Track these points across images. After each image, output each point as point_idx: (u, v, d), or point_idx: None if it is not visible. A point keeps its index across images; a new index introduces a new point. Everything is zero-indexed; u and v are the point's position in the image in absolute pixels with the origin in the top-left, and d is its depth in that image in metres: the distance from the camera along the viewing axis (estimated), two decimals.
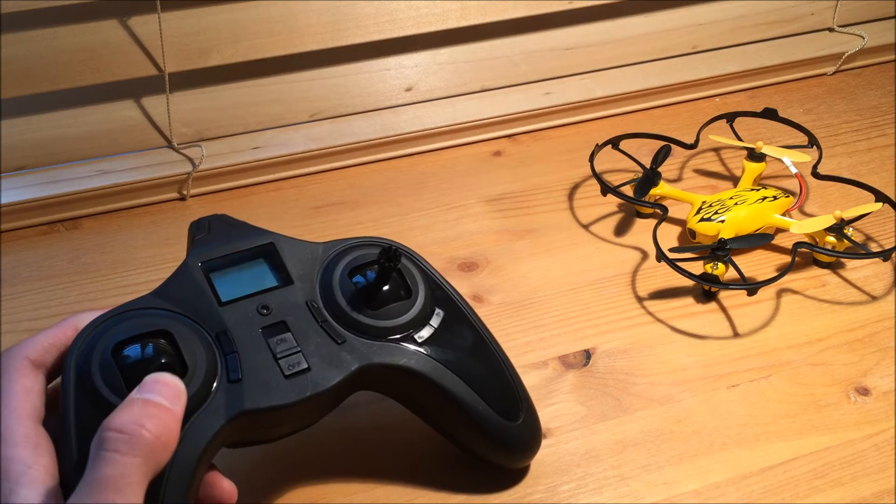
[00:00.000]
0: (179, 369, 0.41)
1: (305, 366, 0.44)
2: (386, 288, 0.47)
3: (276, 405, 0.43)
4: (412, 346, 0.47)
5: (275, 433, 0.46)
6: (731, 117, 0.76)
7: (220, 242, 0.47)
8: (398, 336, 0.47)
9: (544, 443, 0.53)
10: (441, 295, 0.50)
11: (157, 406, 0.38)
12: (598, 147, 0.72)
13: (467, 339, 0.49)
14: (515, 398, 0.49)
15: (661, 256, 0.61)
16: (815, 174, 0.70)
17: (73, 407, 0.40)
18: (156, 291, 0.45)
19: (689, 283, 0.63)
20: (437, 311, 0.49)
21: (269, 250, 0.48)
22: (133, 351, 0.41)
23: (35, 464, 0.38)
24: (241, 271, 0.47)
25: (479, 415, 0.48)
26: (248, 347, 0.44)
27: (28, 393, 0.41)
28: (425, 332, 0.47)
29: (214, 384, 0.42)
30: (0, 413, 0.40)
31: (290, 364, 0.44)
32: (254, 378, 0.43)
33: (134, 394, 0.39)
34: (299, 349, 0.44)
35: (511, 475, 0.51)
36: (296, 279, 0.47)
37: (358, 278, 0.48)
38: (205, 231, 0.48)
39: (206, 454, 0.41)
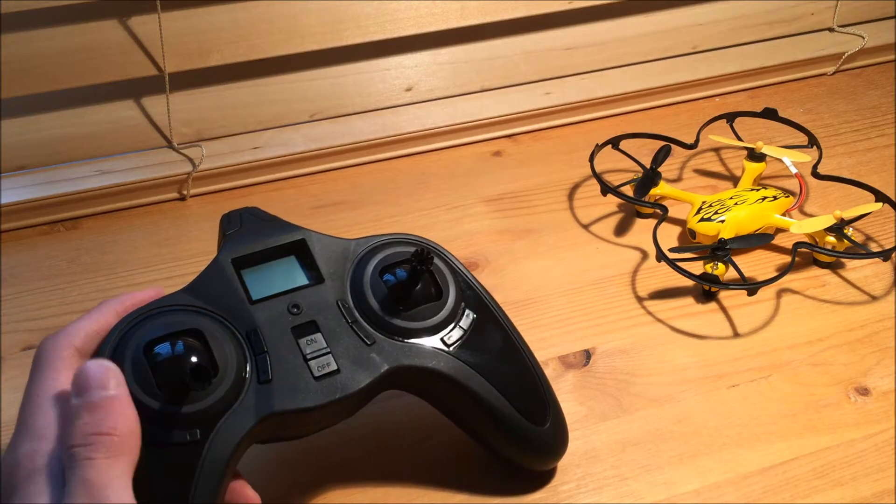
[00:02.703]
0: (210, 369, 0.41)
1: (335, 367, 0.44)
2: (417, 289, 0.47)
3: (306, 407, 0.43)
4: (441, 348, 0.47)
5: (303, 431, 0.46)
6: (731, 117, 0.76)
7: (252, 238, 0.47)
8: (428, 337, 0.47)
9: None
10: (471, 295, 0.49)
11: (105, 401, 0.38)
12: (598, 147, 0.72)
13: (496, 342, 0.49)
14: (543, 402, 0.49)
15: (661, 256, 0.61)
16: (815, 174, 0.70)
17: None
18: (187, 288, 0.45)
19: (689, 283, 0.63)
20: (467, 311, 0.48)
21: (300, 247, 0.47)
22: (164, 350, 0.41)
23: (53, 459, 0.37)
24: (272, 268, 0.47)
25: (506, 418, 0.48)
26: (278, 347, 0.44)
27: (66, 384, 0.40)
28: (455, 334, 0.47)
29: (245, 385, 0.43)
30: (30, 403, 0.39)
31: (319, 365, 0.44)
32: (284, 379, 0.43)
33: (74, 400, 0.38)
34: (329, 350, 0.45)
35: (511, 475, 0.51)
36: (326, 277, 0.47)
37: (389, 277, 0.47)
38: (237, 225, 0.48)
39: (235, 454, 0.42)
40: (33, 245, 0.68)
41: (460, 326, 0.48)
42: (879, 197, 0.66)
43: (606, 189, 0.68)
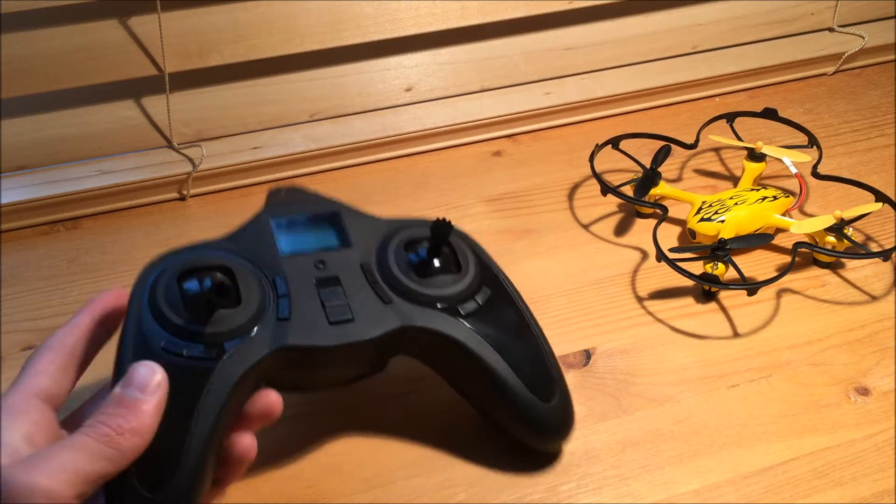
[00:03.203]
0: (234, 300, 0.45)
1: (350, 316, 0.47)
2: (437, 260, 0.50)
3: (317, 345, 0.45)
4: (455, 317, 0.49)
5: (315, 380, 0.49)
6: (731, 117, 0.76)
7: (292, 205, 0.51)
8: (443, 306, 0.49)
9: None
10: (489, 275, 0.52)
11: (134, 404, 0.40)
12: (598, 147, 0.72)
13: (510, 319, 0.51)
14: (551, 380, 0.50)
15: (661, 256, 0.61)
16: (815, 174, 0.70)
17: (136, 320, 0.44)
18: (227, 237, 0.49)
19: (689, 283, 0.63)
20: (484, 288, 0.51)
21: (334, 216, 0.51)
22: (194, 277, 0.45)
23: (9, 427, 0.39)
24: (305, 231, 0.50)
25: (513, 390, 0.49)
26: (300, 293, 0.47)
27: (42, 375, 0.43)
28: (470, 306, 0.49)
29: (264, 318, 0.45)
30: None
31: (335, 312, 0.47)
32: (300, 319, 0.46)
33: (117, 389, 0.41)
34: (347, 302, 0.47)
35: (511, 475, 0.51)
36: (354, 243, 0.50)
37: (412, 252, 0.50)
38: (280, 196, 0.52)
39: (245, 379, 0.43)
40: (33, 245, 0.68)
41: (475, 300, 0.50)
42: (879, 197, 0.66)
43: (606, 189, 0.68)
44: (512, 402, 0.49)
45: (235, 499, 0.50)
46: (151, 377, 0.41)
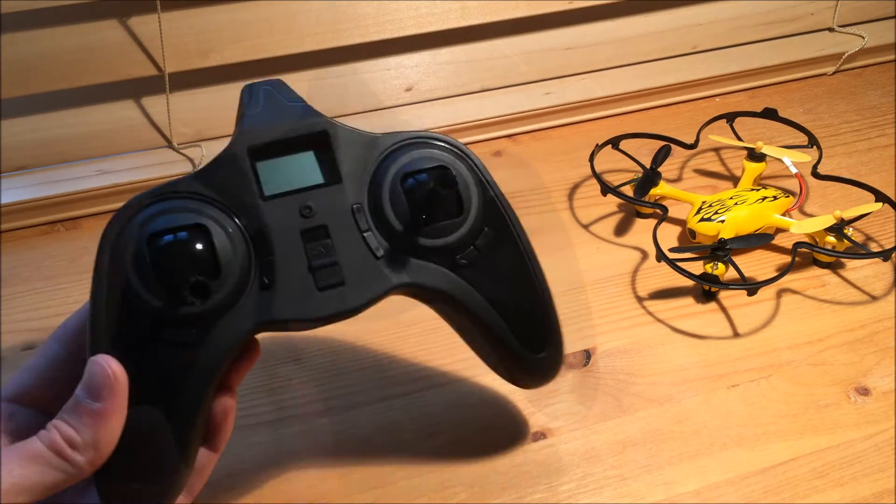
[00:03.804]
0: (210, 278, 0.40)
1: (340, 279, 0.43)
2: (437, 206, 0.45)
3: (305, 318, 0.42)
4: (450, 269, 0.45)
5: (303, 329, 0.45)
6: (731, 117, 0.76)
7: (271, 122, 0.44)
8: (440, 256, 0.45)
9: (544, 443, 0.53)
10: (494, 213, 0.47)
11: (89, 413, 0.38)
12: (598, 147, 0.72)
13: (509, 265, 0.47)
14: (543, 331, 0.48)
15: (661, 256, 0.61)
16: (815, 174, 0.70)
17: (106, 292, 0.40)
18: (199, 173, 0.43)
19: (689, 283, 0.63)
20: (486, 230, 0.46)
21: (321, 140, 0.45)
22: (168, 250, 0.40)
23: None
24: (289, 162, 0.44)
25: (503, 342, 0.47)
26: (285, 251, 0.42)
27: (22, 372, 0.42)
28: (468, 255, 0.46)
29: (246, 287, 0.42)
30: None
31: (324, 276, 0.43)
32: (286, 286, 0.42)
33: (77, 390, 0.38)
34: (336, 261, 0.43)
35: (511, 475, 0.51)
36: (345, 177, 0.44)
37: (411, 183, 0.44)
38: (257, 104, 0.46)
39: (228, 357, 0.41)
40: (33, 245, 0.68)
41: (475, 247, 0.46)
42: (879, 197, 0.66)
43: (606, 189, 0.68)
44: (501, 353, 0.48)
45: (236, 499, 0.50)
46: (105, 378, 0.38)
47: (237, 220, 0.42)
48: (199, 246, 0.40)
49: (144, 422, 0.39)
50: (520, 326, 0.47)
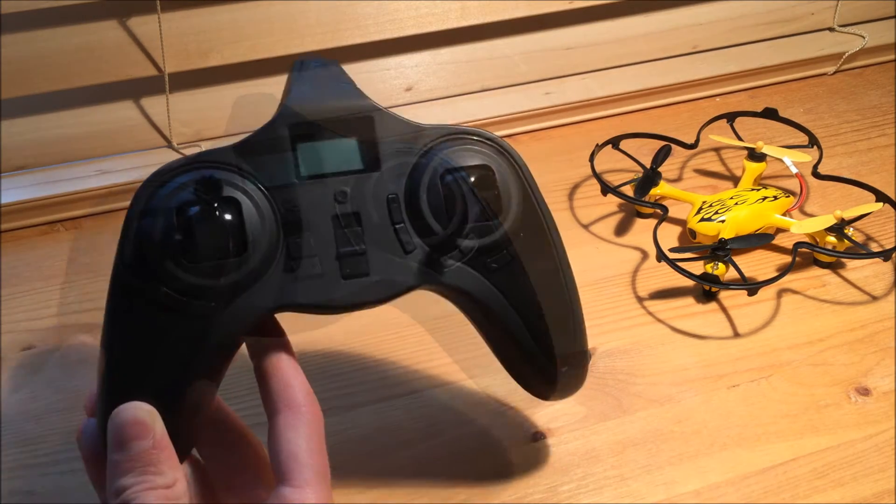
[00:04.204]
0: (239, 246, 0.40)
1: (365, 270, 0.42)
2: (475, 205, 0.44)
3: (326, 304, 0.42)
4: (479, 272, 0.44)
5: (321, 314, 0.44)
6: (731, 117, 0.76)
7: (318, 101, 0.44)
8: (471, 258, 0.44)
9: (544, 443, 0.53)
10: (531, 216, 0.45)
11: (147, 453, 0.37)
12: (598, 147, 0.72)
13: (542, 275, 0.46)
14: (569, 346, 0.47)
15: (661, 256, 0.61)
16: (816, 174, 0.70)
17: (131, 257, 0.41)
18: (239, 144, 0.42)
19: (689, 283, 0.63)
20: (521, 235, 0.45)
21: (366, 125, 0.44)
22: (197, 222, 0.39)
23: None
24: (330, 144, 0.43)
25: (525, 353, 0.46)
26: (314, 235, 0.42)
27: None
28: (500, 259, 0.44)
29: (271, 266, 0.41)
30: None
31: (350, 264, 0.42)
32: (311, 271, 0.41)
33: (114, 455, 0.37)
34: (364, 250, 0.42)
35: (511, 475, 0.51)
36: (384, 166, 0.43)
37: (449, 180, 0.43)
38: (307, 81, 0.45)
39: (244, 334, 0.41)
40: (33, 245, 0.68)
41: (507, 252, 0.44)
42: (880, 197, 0.66)
43: (606, 189, 0.68)
44: (522, 364, 0.47)
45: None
46: (137, 432, 0.37)
47: (270, 197, 0.41)
48: (228, 219, 0.40)
49: (155, 393, 0.39)
50: (545, 339, 0.46)
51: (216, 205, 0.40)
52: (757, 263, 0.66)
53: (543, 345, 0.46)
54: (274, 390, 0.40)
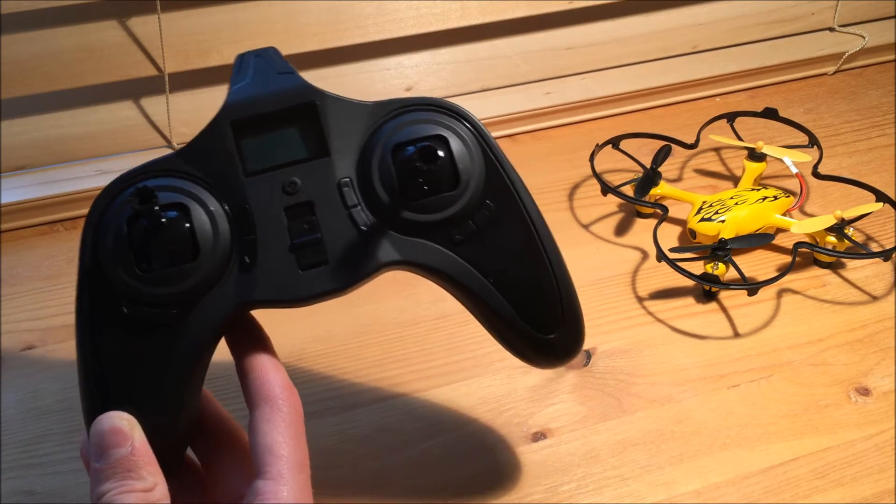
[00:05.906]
0: (191, 251, 0.39)
1: (323, 258, 0.41)
2: (430, 178, 0.42)
3: (285, 298, 0.41)
4: (446, 246, 0.43)
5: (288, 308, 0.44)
6: (731, 117, 0.76)
7: (258, 94, 0.42)
8: (434, 232, 0.42)
9: (544, 443, 0.53)
10: (497, 184, 0.44)
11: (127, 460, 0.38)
12: (599, 147, 0.72)
13: (514, 241, 0.44)
14: (554, 310, 0.45)
15: (661, 256, 0.61)
16: (816, 174, 0.70)
17: (89, 272, 0.40)
18: (182, 151, 0.41)
19: (689, 283, 0.63)
20: (487, 203, 0.43)
21: (309, 112, 0.42)
22: (147, 228, 0.39)
23: None
24: (274, 135, 0.42)
25: (507, 322, 0.44)
26: (267, 230, 0.41)
27: None
28: (465, 231, 0.43)
29: (227, 268, 0.40)
30: None
31: (307, 255, 0.41)
32: (268, 266, 0.41)
33: (97, 463, 0.38)
34: (320, 238, 0.41)
35: (511, 475, 0.51)
36: (333, 151, 0.42)
37: (401, 156, 0.42)
38: (245, 75, 0.43)
39: (211, 339, 0.41)
40: (33, 245, 0.68)
41: (473, 223, 0.43)
42: (880, 197, 0.66)
43: (606, 189, 0.68)
44: (507, 334, 0.45)
45: None
46: (116, 440, 0.38)
47: (220, 198, 0.41)
48: (177, 226, 0.39)
49: (126, 404, 0.39)
50: (526, 306, 0.44)
51: (162, 213, 0.39)
52: (757, 263, 0.66)
53: (525, 313, 0.44)
54: (252, 387, 0.40)
